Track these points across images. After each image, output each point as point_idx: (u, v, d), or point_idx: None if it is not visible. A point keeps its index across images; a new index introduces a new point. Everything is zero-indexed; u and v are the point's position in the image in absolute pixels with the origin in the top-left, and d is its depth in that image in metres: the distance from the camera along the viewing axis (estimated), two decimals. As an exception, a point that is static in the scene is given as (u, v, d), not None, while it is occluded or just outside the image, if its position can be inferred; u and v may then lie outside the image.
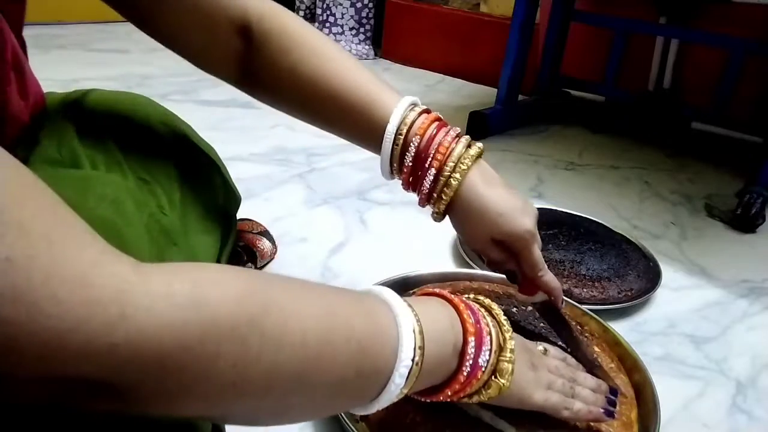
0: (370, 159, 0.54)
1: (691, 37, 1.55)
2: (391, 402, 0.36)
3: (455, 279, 0.76)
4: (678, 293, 0.88)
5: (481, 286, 0.73)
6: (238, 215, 0.69)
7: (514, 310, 0.65)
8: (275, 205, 1.04)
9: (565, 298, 0.61)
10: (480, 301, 0.45)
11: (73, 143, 0.48)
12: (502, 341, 0.42)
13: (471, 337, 0.40)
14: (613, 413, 0.51)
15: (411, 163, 0.50)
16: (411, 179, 0.52)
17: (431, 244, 0.94)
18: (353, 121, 0.51)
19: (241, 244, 0.80)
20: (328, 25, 2.30)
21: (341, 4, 2.27)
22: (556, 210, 1.04)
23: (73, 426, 0.31)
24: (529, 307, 0.65)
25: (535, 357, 0.48)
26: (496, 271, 0.57)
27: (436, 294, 0.43)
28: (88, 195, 0.42)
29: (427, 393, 0.41)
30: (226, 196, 0.62)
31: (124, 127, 0.52)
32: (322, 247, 0.91)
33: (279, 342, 0.28)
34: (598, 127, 1.68)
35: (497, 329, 0.43)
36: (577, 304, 0.73)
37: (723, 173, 1.42)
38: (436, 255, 0.92)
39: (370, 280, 0.72)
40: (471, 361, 0.39)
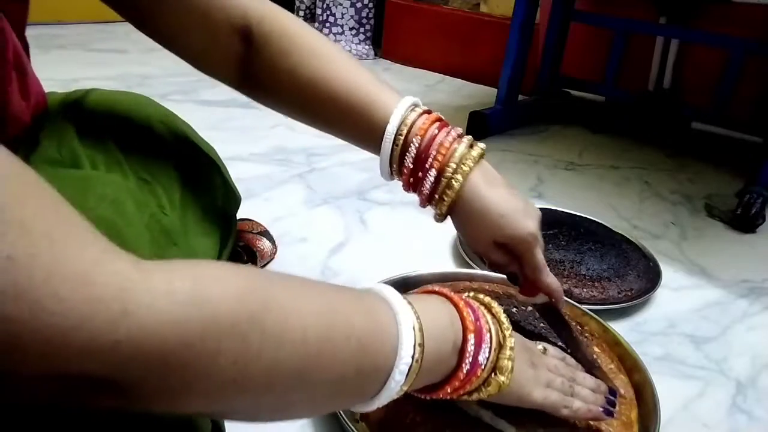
0: (370, 159, 0.54)
1: (691, 37, 1.55)
2: (392, 399, 0.36)
3: (455, 279, 0.76)
4: (678, 293, 0.88)
5: (481, 287, 0.73)
6: (238, 215, 0.70)
7: (514, 310, 0.65)
8: (275, 205, 1.04)
9: (565, 298, 0.61)
10: (480, 299, 0.45)
11: (73, 143, 0.48)
12: (502, 339, 0.42)
13: (471, 335, 0.40)
14: (612, 412, 0.51)
15: (411, 164, 0.50)
16: (411, 180, 0.51)
17: (431, 244, 0.94)
18: (353, 122, 0.51)
19: (241, 244, 0.80)
20: (328, 25, 2.30)
21: (341, 4, 2.28)
22: (556, 210, 1.04)
23: (74, 426, 0.31)
24: (529, 308, 0.65)
25: (535, 356, 0.48)
26: (497, 272, 0.57)
27: (436, 292, 0.43)
28: (89, 195, 0.42)
29: (427, 390, 0.41)
30: (226, 196, 0.62)
31: (124, 127, 0.52)
32: (322, 247, 0.91)
33: (279, 339, 0.29)
34: (598, 127, 1.68)
35: (497, 327, 0.43)
36: (577, 304, 0.73)
37: (723, 173, 1.42)
38: (436, 255, 0.92)
39: (370, 280, 0.71)
40: (470, 359, 0.40)
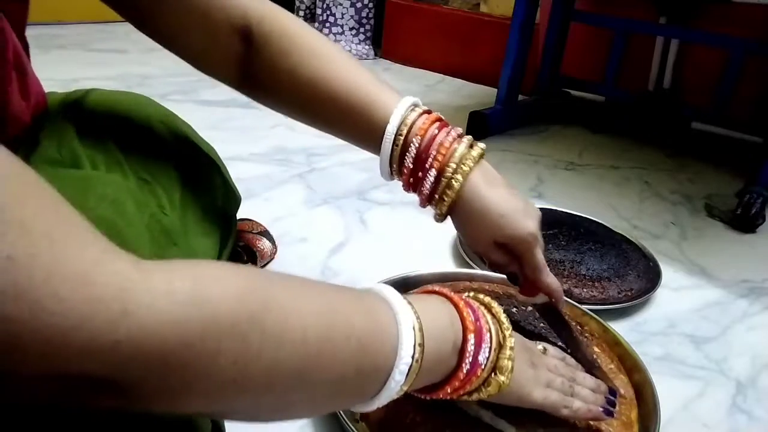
0: (370, 159, 0.54)
1: (691, 37, 1.55)
2: (392, 399, 0.36)
3: (455, 279, 0.76)
4: (678, 293, 0.88)
5: (481, 286, 0.73)
6: (238, 215, 0.70)
7: (514, 311, 0.65)
8: (275, 205, 1.04)
9: (565, 298, 0.61)
10: (480, 299, 0.46)
11: (73, 143, 0.48)
12: (502, 339, 0.43)
13: (470, 335, 0.40)
14: (612, 413, 0.51)
15: (411, 164, 0.50)
16: (411, 180, 0.52)
17: (431, 244, 0.94)
18: (353, 122, 0.51)
19: (241, 244, 0.80)
20: (328, 25, 2.30)
21: (341, 4, 2.27)
22: (556, 210, 1.04)
23: (74, 427, 0.31)
24: (529, 308, 0.65)
25: (535, 356, 0.48)
26: (497, 272, 0.57)
27: (436, 292, 0.43)
28: (89, 195, 0.42)
29: (427, 390, 0.41)
30: (226, 196, 0.62)
31: (124, 127, 0.52)
32: (322, 247, 0.91)
33: (279, 339, 0.29)
34: (598, 127, 1.68)
35: (497, 327, 0.43)
36: (577, 304, 0.73)
37: (723, 173, 1.42)
38: (436, 255, 0.92)
39: (370, 280, 0.71)
40: (470, 359, 0.40)
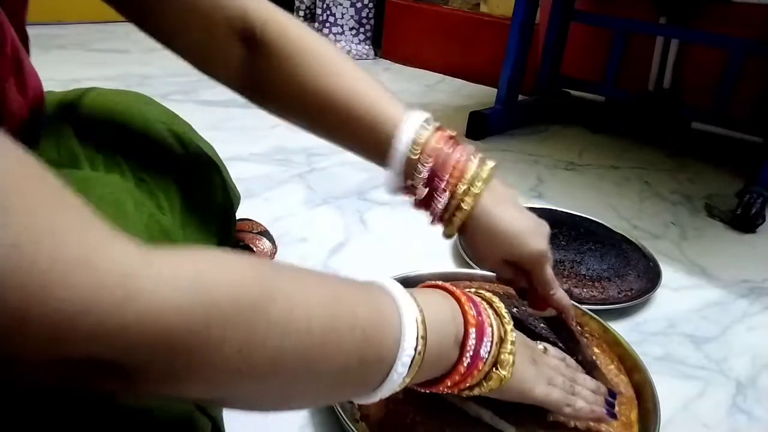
0: (370, 159, 0.54)
1: (691, 37, 1.55)
2: (394, 391, 0.36)
3: (455, 279, 0.76)
4: (678, 293, 0.88)
5: (481, 286, 0.73)
6: (238, 215, 0.70)
7: (515, 311, 0.65)
8: (275, 205, 1.04)
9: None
10: (481, 295, 0.46)
11: (72, 144, 0.48)
12: (503, 333, 0.43)
13: (472, 329, 0.40)
14: (614, 414, 0.51)
15: (424, 185, 0.49)
16: (423, 200, 0.50)
17: (431, 244, 0.94)
18: (359, 135, 0.50)
19: (241, 244, 0.80)
20: (328, 25, 2.30)
21: (341, 4, 2.27)
22: (556, 210, 1.04)
23: (74, 427, 0.31)
24: (530, 308, 0.65)
25: (536, 353, 0.48)
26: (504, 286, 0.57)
27: (438, 286, 0.43)
28: (88, 196, 0.42)
29: (429, 384, 0.41)
30: (226, 195, 0.61)
31: (123, 127, 0.52)
32: (322, 247, 0.91)
33: (284, 328, 0.29)
34: (598, 127, 1.68)
35: (498, 322, 0.43)
36: (577, 304, 0.72)
37: (723, 173, 1.42)
38: (436, 255, 0.92)
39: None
40: (471, 353, 0.40)
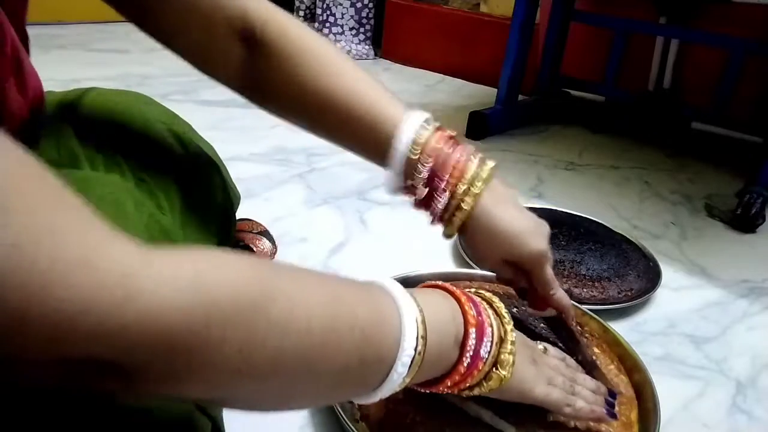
0: (370, 159, 0.54)
1: (691, 37, 1.55)
2: (394, 391, 0.36)
3: (455, 279, 0.76)
4: (678, 293, 0.88)
5: (481, 286, 0.73)
6: (238, 215, 0.69)
7: (515, 311, 0.65)
8: (275, 205, 1.04)
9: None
10: (481, 295, 0.46)
11: (72, 144, 0.48)
12: (503, 333, 0.43)
13: (472, 329, 0.40)
14: (615, 414, 0.51)
15: (424, 185, 0.49)
16: (423, 200, 0.51)
17: (431, 244, 0.94)
18: (358, 135, 0.50)
19: (241, 244, 0.80)
20: (328, 25, 2.30)
21: (341, 4, 2.27)
22: (556, 210, 1.04)
23: (75, 425, 0.31)
24: (530, 309, 0.65)
25: (536, 353, 0.48)
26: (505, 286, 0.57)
27: (438, 286, 0.43)
28: (88, 196, 0.42)
29: (429, 384, 0.41)
30: (226, 195, 0.61)
31: (123, 127, 0.52)
32: (322, 247, 0.91)
33: (284, 328, 0.29)
34: (598, 127, 1.68)
35: (498, 322, 0.43)
36: (577, 304, 0.72)
37: (723, 173, 1.42)
38: (436, 255, 0.92)
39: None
40: (471, 352, 0.40)
